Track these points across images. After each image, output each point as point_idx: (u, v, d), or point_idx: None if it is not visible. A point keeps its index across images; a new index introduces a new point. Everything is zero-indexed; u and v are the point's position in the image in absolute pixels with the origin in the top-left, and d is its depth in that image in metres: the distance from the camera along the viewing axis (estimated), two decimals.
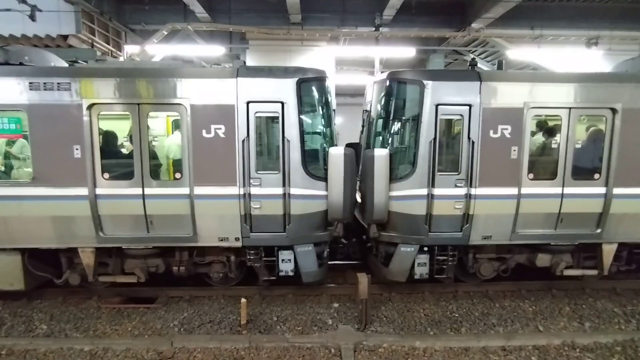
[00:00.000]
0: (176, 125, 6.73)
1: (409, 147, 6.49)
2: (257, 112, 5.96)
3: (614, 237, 6.72)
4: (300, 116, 6.02)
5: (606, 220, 6.56)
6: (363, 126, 8.13)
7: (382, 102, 7.04)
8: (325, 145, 6.52)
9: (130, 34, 13.38)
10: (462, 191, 6.34)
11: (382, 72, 8.06)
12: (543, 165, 6.61)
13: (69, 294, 6.94)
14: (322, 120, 6.67)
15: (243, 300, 5.93)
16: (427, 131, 6.17)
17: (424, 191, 6.29)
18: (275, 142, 6.14)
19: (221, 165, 5.98)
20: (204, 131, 5.87)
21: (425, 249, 6.66)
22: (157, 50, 12.12)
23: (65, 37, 10.23)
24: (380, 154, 6.20)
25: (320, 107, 6.54)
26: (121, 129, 6.43)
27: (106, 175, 5.94)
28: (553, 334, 5.96)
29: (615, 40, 13.12)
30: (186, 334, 5.94)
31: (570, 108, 6.34)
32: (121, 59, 11.85)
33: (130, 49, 12.34)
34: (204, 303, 6.83)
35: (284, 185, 6.11)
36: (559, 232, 6.65)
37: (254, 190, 6.06)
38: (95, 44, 11.13)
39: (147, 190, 5.99)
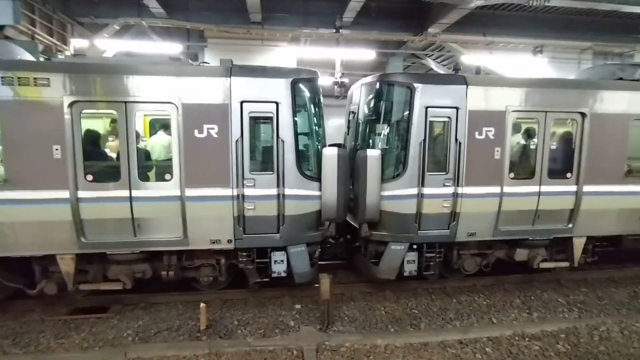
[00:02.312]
0: (160, 125, 6.48)
1: (399, 148, 6.63)
2: (251, 112, 5.87)
3: (583, 231, 7.23)
4: (295, 116, 5.99)
5: (577, 215, 7.05)
6: (348, 127, 8.21)
7: (372, 104, 7.18)
8: (318, 145, 6.50)
9: (78, 28, 12.56)
10: (449, 190, 6.58)
11: (367, 75, 8.20)
12: (522, 166, 7.00)
13: (5, 306, 6.39)
14: (315, 120, 6.60)
15: (202, 305, 5.75)
16: (417, 133, 6.36)
17: (414, 191, 6.47)
18: (270, 142, 6.07)
19: (214, 165, 5.83)
20: (196, 131, 5.69)
21: (415, 246, 6.83)
22: (108, 45, 11.51)
23: (1, 28, 9.44)
24: (373, 154, 6.30)
25: (313, 107, 6.50)
26: (106, 128, 6.07)
27: (89, 177, 5.59)
28: (505, 325, 6.26)
29: (559, 48, 14.10)
30: (141, 343, 5.65)
31: (546, 112, 6.77)
32: (67, 53, 11.12)
33: (78, 43, 11.60)
34: (161, 309, 6.55)
35: (278, 185, 6.04)
36: (536, 227, 7.07)
37: (247, 191, 5.96)
38: (36, 36, 10.35)
39: (135, 193, 5.70)
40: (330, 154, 6.11)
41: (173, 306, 6.65)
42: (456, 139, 6.48)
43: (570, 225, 7.14)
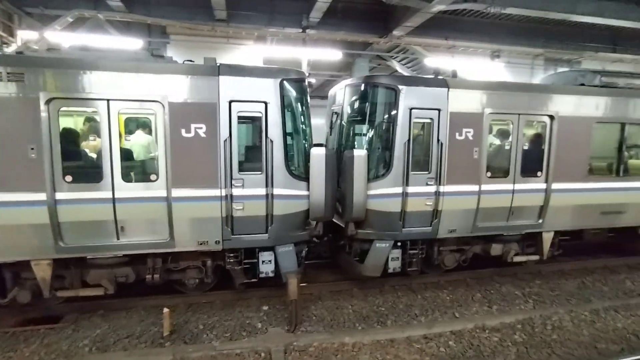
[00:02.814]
0: (138, 124, 6.26)
1: (385, 148, 6.77)
2: (239, 112, 5.80)
3: (551, 226, 7.70)
4: (283, 116, 5.97)
5: (546, 211, 7.50)
6: (331, 127, 8.28)
7: (357, 105, 7.32)
8: (305, 145, 6.50)
9: (27, 19, 11.75)
10: (432, 189, 6.81)
11: (350, 77, 8.27)
12: (498, 165, 7.31)
13: None
14: (303, 120, 6.58)
15: (166, 310, 5.55)
16: (401, 133, 6.53)
17: (399, 189, 6.64)
18: (258, 142, 6.02)
19: (202, 166, 5.71)
20: (183, 130, 5.55)
21: (399, 244, 7.01)
22: (60, 38, 10.83)
23: None
24: (360, 154, 6.38)
25: (300, 108, 6.46)
26: (86, 126, 5.78)
27: (69, 178, 5.32)
28: (467, 319, 6.49)
29: (514, 54, 14.85)
30: (99, 353, 5.36)
31: (519, 114, 7.15)
32: (14, 45, 10.38)
33: (26, 35, 10.85)
34: (121, 316, 6.26)
35: (267, 185, 6.02)
36: (510, 223, 7.47)
37: (236, 192, 5.89)
38: None
39: (118, 194, 5.49)
40: (318, 154, 6.15)
41: (134, 312, 6.38)
42: (438, 140, 6.73)
43: (540, 221, 7.58)
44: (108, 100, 5.35)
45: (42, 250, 5.40)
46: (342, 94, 7.74)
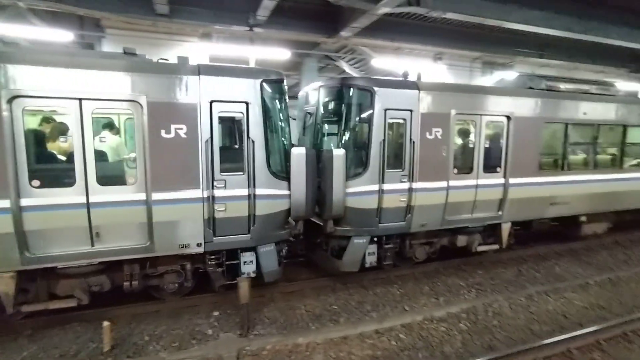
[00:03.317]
0: (104, 125, 5.99)
1: (361, 147, 6.98)
2: (220, 112, 5.74)
3: (509, 217, 8.38)
4: (264, 116, 5.98)
5: (505, 204, 8.17)
6: (304, 127, 8.38)
7: (333, 106, 7.55)
8: (285, 144, 6.52)
9: None
10: (405, 185, 7.16)
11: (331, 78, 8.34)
12: (464, 162, 7.79)
13: None
14: (283, 120, 6.57)
15: (106, 323, 5.16)
16: (377, 133, 6.80)
17: (375, 187, 6.92)
18: (240, 142, 6.00)
19: (183, 167, 5.59)
20: (162, 131, 5.39)
21: (375, 239, 7.30)
22: None
23: None
24: (339, 153, 6.53)
25: (280, 108, 6.47)
26: (55, 127, 5.38)
27: (36, 182, 4.95)
28: (416, 312, 6.72)
29: (455, 56, 15.65)
30: None
31: (481, 115, 7.73)
32: None
33: None
34: (53, 334, 5.74)
35: (249, 186, 6.00)
36: (474, 216, 8.03)
37: (218, 193, 5.83)
38: None
39: (93, 198, 5.19)
40: (298, 153, 6.24)
41: (69, 329, 5.88)
42: (410, 139, 7.08)
43: (500, 213, 8.25)
44: (80, 99, 5.05)
45: (5, 261, 4.97)
46: (316, 95, 7.89)
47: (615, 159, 9.79)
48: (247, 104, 5.87)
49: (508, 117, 7.95)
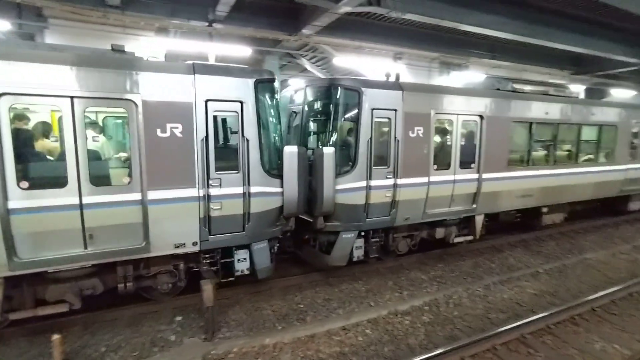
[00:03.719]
0: (87, 124, 5.63)
1: (350, 145, 7.24)
2: (215, 111, 5.78)
3: (482, 210, 8.96)
4: (258, 115, 6.04)
5: (478, 198, 8.69)
6: (289, 126, 8.62)
7: (321, 106, 7.79)
8: (277, 143, 6.67)
9: None
10: (390, 182, 7.48)
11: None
12: (442, 158, 8.20)
13: None
14: (275, 119, 6.69)
15: (55, 336, 4.80)
16: (365, 132, 7.06)
17: (363, 183, 7.19)
18: (235, 141, 6.05)
19: (178, 166, 5.57)
20: (158, 130, 5.36)
21: (362, 233, 7.57)
22: None
23: None
24: (329, 151, 6.73)
25: (273, 107, 6.58)
26: (46, 126, 5.29)
27: (24, 184, 4.77)
28: (381, 306, 6.86)
29: (413, 56, 16.08)
30: None
31: (458, 114, 8.18)
32: None
33: None
34: None
35: (244, 184, 6.05)
36: (451, 209, 8.46)
37: (213, 191, 5.86)
38: None
39: (87, 199, 5.07)
40: (291, 152, 6.37)
41: (13, 345, 5.44)
42: (395, 137, 7.40)
43: (474, 206, 8.78)
44: (72, 97, 4.90)
45: None
46: (302, 95, 8.08)
47: (572, 155, 10.70)
48: (241, 103, 5.91)
49: (481, 117, 8.49)
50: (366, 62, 15.02)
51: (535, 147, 9.83)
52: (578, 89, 21.38)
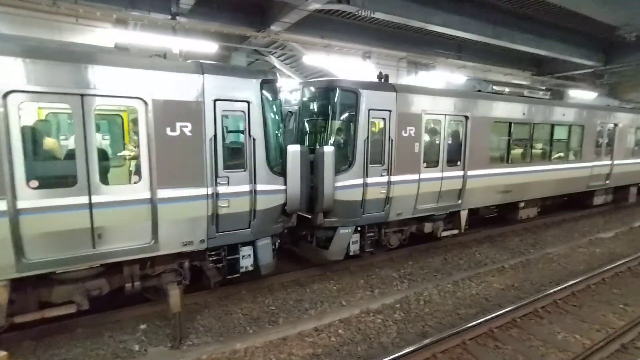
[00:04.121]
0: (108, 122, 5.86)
1: (348, 144, 7.51)
2: (224, 111, 5.85)
3: (466, 205, 9.37)
4: (264, 115, 6.16)
5: (463, 193, 9.10)
6: (285, 126, 8.57)
7: (319, 106, 8.01)
8: (281, 142, 6.80)
9: None
10: (385, 179, 7.79)
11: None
12: (432, 157, 8.56)
13: None
14: (278, 119, 6.84)
15: (2, 353, 4.41)
16: (362, 131, 7.36)
17: (360, 180, 7.48)
18: (242, 140, 6.16)
19: (188, 165, 5.59)
20: (168, 129, 5.36)
21: (359, 229, 7.84)
22: None
23: None
24: (329, 150, 6.94)
25: (276, 107, 6.72)
26: (55, 124, 5.42)
27: (33, 183, 4.64)
28: (353, 305, 6.83)
29: (382, 56, 16.23)
30: None
31: (445, 115, 8.61)
32: None
33: None
34: None
35: (250, 182, 6.14)
36: (439, 205, 8.89)
37: (221, 189, 5.92)
38: None
39: (96, 198, 4.97)
40: (294, 151, 6.53)
41: None
42: (389, 136, 7.70)
43: (459, 201, 9.17)
44: (82, 95, 4.80)
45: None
46: (299, 95, 8.34)
47: (545, 153, 11.36)
48: (248, 102, 6.02)
49: (466, 117, 8.95)
50: (335, 61, 14.98)
51: (514, 146, 10.42)
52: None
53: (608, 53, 18.95)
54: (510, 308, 6.48)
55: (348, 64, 15.12)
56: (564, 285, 7.38)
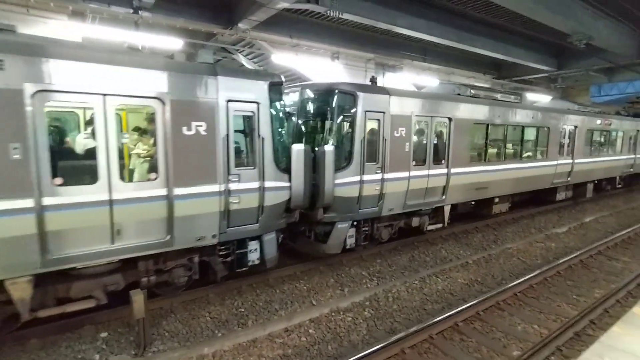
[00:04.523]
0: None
1: (346, 144, 7.93)
2: (235, 111, 6.13)
3: (449, 201, 10.04)
4: (271, 115, 6.49)
5: (447, 190, 9.75)
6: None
7: (318, 107, 8.40)
8: (285, 141, 7.18)
9: None
10: (379, 176, 8.27)
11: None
12: (420, 155, 9.11)
13: None
14: (283, 119, 7.31)
15: None
16: (359, 132, 7.82)
17: (357, 178, 7.93)
18: (252, 139, 6.45)
19: (202, 162, 5.86)
20: (184, 128, 5.61)
21: (355, 223, 8.28)
22: None
23: None
24: (330, 149, 7.40)
25: (282, 108, 7.08)
26: (79, 122, 5.59)
27: (58, 180, 4.79)
28: (323, 305, 6.84)
29: (350, 57, 16.37)
30: None
31: (432, 117, 9.16)
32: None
33: None
34: None
35: (259, 179, 6.44)
36: (426, 200, 9.39)
37: (233, 186, 6.19)
38: None
39: (116, 195, 5.17)
40: (298, 149, 6.91)
41: None
42: (383, 137, 8.19)
43: (443, 197, 9.79)
44: (104, 95, 5.01)
45: (23, 265, 4.70)
46: (298, 97, 8.64)
47: (517, 152, 12.20)
48: (258, 103, 6.33)
49: (450, 119, 9.56)
50: (304, 61, 14.96)
51: (490, 146, 11.14)
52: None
53: (561, 59, 20.14)
54: (473, 302, 6.71)
55: (317, 64, 15.15)
56: (523, 279, 7.75)
